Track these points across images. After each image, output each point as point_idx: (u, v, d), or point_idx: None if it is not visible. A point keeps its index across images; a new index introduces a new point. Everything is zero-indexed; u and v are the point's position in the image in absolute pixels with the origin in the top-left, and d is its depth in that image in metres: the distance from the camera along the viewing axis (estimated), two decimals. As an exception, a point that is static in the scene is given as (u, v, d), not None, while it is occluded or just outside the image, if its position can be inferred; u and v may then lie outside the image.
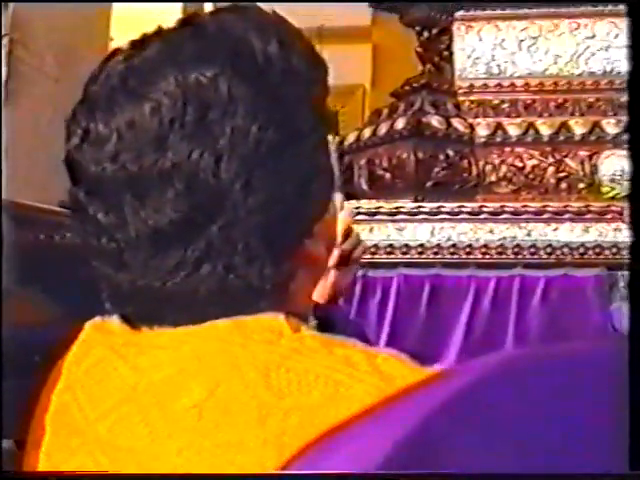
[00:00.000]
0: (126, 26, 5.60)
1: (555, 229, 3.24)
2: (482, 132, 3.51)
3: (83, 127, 0.87)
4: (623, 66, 3.60)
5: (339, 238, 1.01)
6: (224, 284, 0.85)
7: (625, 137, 3.35)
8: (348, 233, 1.04)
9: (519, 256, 3.24)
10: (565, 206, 3.27)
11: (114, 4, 4.91)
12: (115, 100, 0.86)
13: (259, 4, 0.94)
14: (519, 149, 3.49)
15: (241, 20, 0.91)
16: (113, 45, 4.78)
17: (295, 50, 0.91)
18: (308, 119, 0.91)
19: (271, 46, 0.89)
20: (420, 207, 3.30)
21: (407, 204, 3.33)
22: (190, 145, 0.83)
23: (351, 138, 3.66)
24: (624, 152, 3.25)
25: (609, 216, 3.20)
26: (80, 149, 0.87)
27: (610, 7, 3.67)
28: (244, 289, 0.86)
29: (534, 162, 3.47)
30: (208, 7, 7.14)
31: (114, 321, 0.91)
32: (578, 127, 3.49)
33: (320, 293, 0.99)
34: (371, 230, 3.29)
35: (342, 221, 1.01)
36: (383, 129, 3.54)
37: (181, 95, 0.84)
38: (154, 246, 0.85)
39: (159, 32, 0.91)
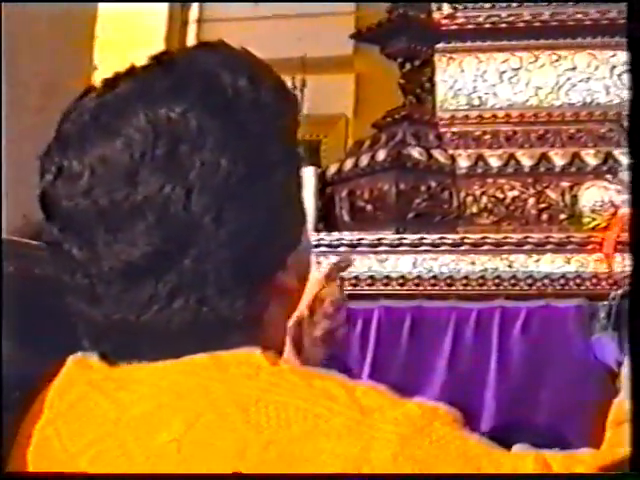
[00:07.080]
0: (110, 54, 5.63)
1: (536, 260, 3.24)
2: (463, 163, 3.52)
3: (57, 164, 0.88)
4: (603, 98, 3.63)
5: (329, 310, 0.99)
6: (197, 317, 0.86)
7: (605, 168, 3.37)
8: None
9: (500, 287, 3.24)
10: (546, 237, 3.27)
11: (98, 31, 4.90)
12: (87, 136, 0.87)
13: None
14: (500, 180, 3.50)
15: (211, 56, 0.93)
16: (97, 74, 4.79)
17: (264, 84, 0.93)
18: (278, 151, 0.92)
19: (240, 80, 0.90)
20: (402, 239, 3.31)
21: (389, 235, 3.33)
22: (161, 179, 0.84)
23: (332, 169, 3.66)
24: (604, 183, 3.27)
25: (590, 247, 3.21)
26: (53, 185, 0.88)
27: (589, 39, 3.70)
28: (217, 322, 0.87)
29: (515, 193, 3.48)
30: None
31: (93, 357, 0.92)
32: (558, 158, 3.50)
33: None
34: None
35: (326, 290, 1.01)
36: (364, 161, 3.54)
37: (151, 130, 0.85)
38: (127, 280, 0.85)
39: (131, 70, 0.92)
